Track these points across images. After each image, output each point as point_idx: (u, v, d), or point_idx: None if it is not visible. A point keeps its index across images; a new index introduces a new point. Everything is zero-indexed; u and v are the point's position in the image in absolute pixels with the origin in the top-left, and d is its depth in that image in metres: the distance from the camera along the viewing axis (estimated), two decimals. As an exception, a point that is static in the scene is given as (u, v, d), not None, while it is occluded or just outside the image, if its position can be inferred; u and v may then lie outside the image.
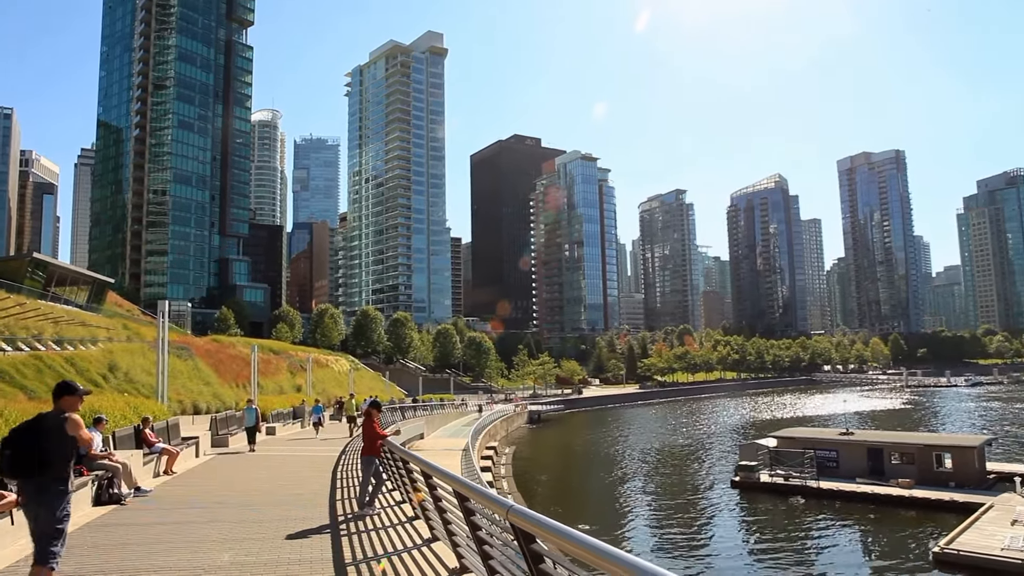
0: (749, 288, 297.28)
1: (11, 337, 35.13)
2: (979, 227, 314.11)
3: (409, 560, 8.10)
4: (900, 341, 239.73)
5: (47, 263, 55.39)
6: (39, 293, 47.83)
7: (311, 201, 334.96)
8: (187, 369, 52.24)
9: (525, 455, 61.20)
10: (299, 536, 9.60)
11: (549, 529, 3.66)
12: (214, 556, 8.40)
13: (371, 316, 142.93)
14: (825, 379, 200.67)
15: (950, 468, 35.70)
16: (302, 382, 70.16)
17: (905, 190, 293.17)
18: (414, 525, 10.12)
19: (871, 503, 33.80)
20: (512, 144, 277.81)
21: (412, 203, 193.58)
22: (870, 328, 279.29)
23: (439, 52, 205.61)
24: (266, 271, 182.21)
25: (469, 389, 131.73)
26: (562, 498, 42.21)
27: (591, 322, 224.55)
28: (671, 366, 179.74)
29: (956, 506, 31.02)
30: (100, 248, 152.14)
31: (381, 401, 34.63)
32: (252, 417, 25.80)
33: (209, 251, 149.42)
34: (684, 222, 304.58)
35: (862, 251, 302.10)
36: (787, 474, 37.46)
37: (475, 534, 5.70)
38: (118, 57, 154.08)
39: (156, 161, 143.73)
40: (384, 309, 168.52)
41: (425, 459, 8.16)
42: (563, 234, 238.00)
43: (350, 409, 36.28)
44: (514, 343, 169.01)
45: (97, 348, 44.37)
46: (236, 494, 14.28)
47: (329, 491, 14.00)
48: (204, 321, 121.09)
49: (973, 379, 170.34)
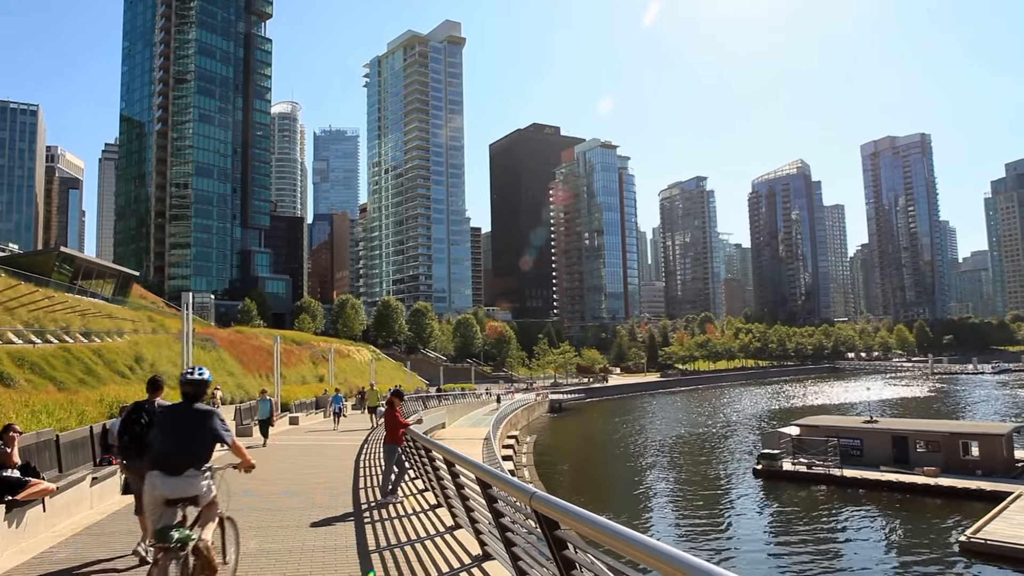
0: (771, 275, 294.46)
1: (40, 330, 35.75)
2: (1007, 211, 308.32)
3: (432, 547, 8.17)
4: (925, 328, 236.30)
5: (74, 257, 56.27)
6: (66, 286, 48.61)
7: (331, 192, 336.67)
8: (211, 360, 52.87)
9: (546, 444, 61.30)
10: (323, 524, 9.71)
11: (574, 515, 3.66)
12: (241, 543, 8.52)
13: (392, 306, 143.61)
14: (848, 367, 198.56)
15: (977, 456, 35.19)
16: (324, 372, 70.77)
17: (931, 174, 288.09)
18: (437, 513, 10.20)
19: (896, 492, 33.43)
20: (531, 133, 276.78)
21: (431, 193, 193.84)
22: (894, 315, 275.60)
23: (457, 41, 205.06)
24: (287, 262, 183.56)
25: (490, 379, 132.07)
26: (583, 486, 42.26)
27: (612, 311, 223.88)
28: (692, 354, 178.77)
29: (983, 495, 30.59)
30: (124, 241, 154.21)
31: (404, 391, 34.71)
32: (266, 409, 23.95)
33: (231, 243, 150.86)
34: (705, 209, 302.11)
35: (886, 237, 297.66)
36: (810, 462, 37.17)
37: (498, 521, 5.73)
38: (139, 52, 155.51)
39: (178, 155, 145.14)
40: (405, 299, 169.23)
41: (447, 447, 8.21)
42: (583, 222, 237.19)
43: (372, 400, 35.03)
44: (535, 332, 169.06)
45: (123, 340, 45.03)
46: (260, 483, 14.45)
47: (352, 480, 14.14)
48: (227, 312, 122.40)
49: (1000, 366, 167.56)
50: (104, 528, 9.65)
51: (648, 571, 2.98)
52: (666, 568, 2.62)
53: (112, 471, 12.01)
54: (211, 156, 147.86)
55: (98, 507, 11.11)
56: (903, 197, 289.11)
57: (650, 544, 2.80)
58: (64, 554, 8.13)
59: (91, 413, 14.35)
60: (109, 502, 11.58)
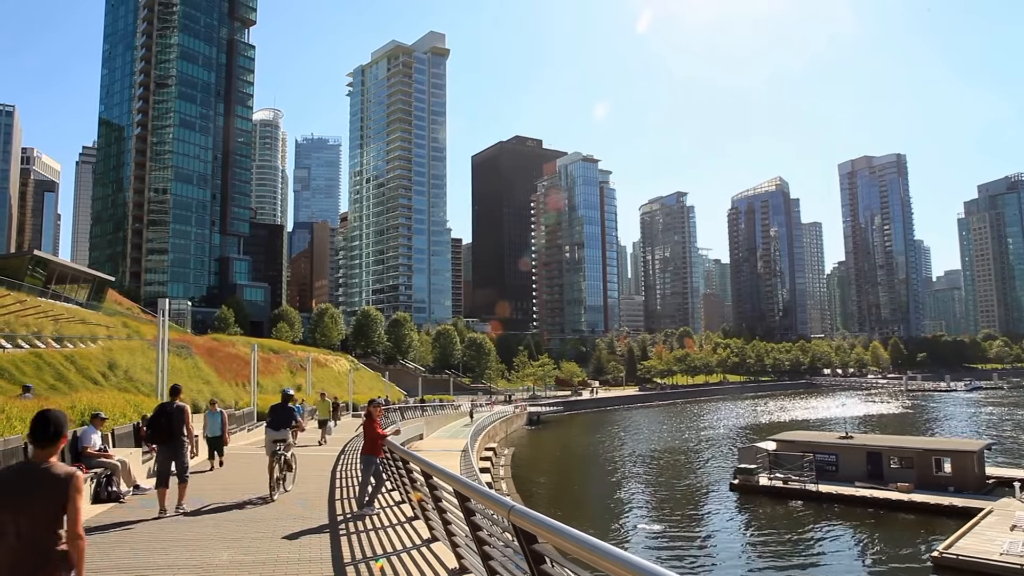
0: (749, 291, 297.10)
1: (11, 334, 35.11)
2: (980, 232, 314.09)
3: (408, 560, 8.08)
4: (900, 345, 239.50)
5: (47, 261, 55.41)
6: (39, 290, 47.81)
7: (312, 201, 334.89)
8: (187, 368, 52.20)
9: (524, 456, 61.14)
10: (298, 535, 9.58)
11: (552, 529, 3.64)
12: (212, 554, 8.38)
13: (371, 316, 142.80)
14: (825, 383, 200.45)
15: (949, 472, 35.66)
16: (302, 381, 70.07)
17: (906, 194, 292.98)
18: (413, 525, 10.10)
19: (870, 507, 33.77)
20: (513, 145, 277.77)
21: (413, 203, 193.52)
22: (870, 332, 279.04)
23: (441, 53, 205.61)
24: (266, 270, 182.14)
25: (469, 390, 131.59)
26: (561, 500, 42.17)
27: (591, 324, 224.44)
28: (671, 368, 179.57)
29: (955, 511, 30.97)
30: (101, 246, 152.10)
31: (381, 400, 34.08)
32: (216, 425, 18.34)
33: (210, 250, 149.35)
34: (685, 224, 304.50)
35: (863, 255, 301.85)
36: (786, 477, 37.43)
37: (475, 534, 5.69)
38: (120, 55, 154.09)
39: (157, 160, 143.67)
40: (384, 309, 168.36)
41: (425, 459, 8.14)
42: (564, 236, 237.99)
43: (323, 412, 30.12)
44: (514, 344, 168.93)
45: (97, 346, 44.35)
46: (235, 492, 14.24)
47: (328, 491, 13.98)
48: (204, 320, 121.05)
49: (973, 384, 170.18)
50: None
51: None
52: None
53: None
54: (191, 162, 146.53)
55: (66, 517, 10.83)
56: (879, 216, 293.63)
57: (627, 558, 2.79)
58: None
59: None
60: (78, 512, 11.34)
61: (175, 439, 11.41)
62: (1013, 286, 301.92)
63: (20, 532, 3.74)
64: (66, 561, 3.83)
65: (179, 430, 11.48)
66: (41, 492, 3.86)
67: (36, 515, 3.81)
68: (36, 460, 4.06)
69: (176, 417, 11.60)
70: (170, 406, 11.74)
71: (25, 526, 3.76)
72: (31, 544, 3.76)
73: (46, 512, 3.84)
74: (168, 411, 11.62)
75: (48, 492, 3.86)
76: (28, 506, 3.81)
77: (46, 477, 3.92)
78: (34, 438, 4.14)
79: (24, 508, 3.79)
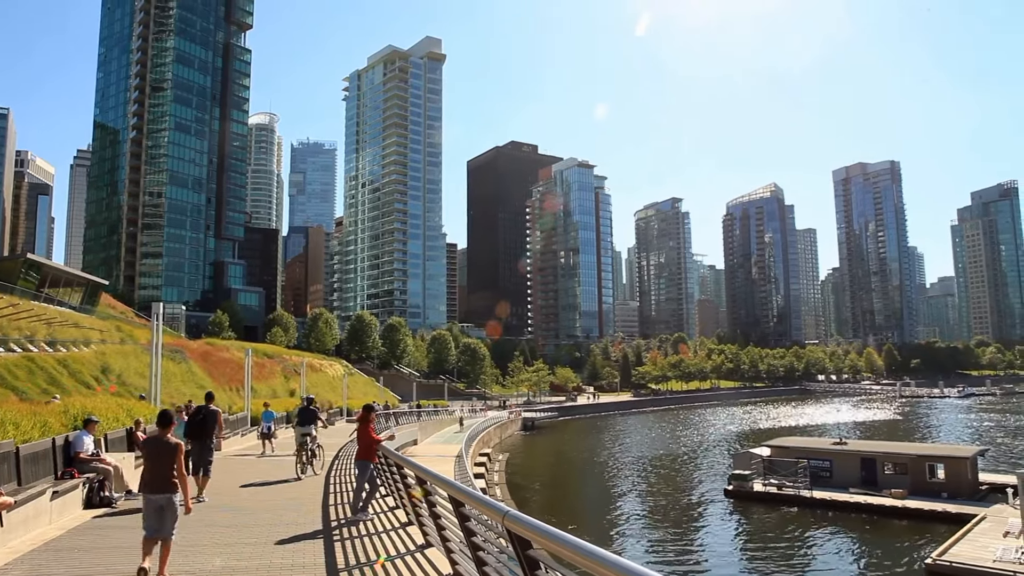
0: (744, 297, 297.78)
1: (3, 338, 34.94)
2: (973, 238, 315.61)
3: (403, 566, 8.06)
4: (894, 351, 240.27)
5: (41, 264, 55.14)
6: (32, 294, 47.61)
7: (307, 205, 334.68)
8: (181, 372, 52.04)
9: (519, 462, 61.05)
10: (291, 541, 9.54)
11: (547, 535, 3.64)
12: (205, 560, 8.35)
13: (366, 321, 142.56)
14: (819, 389, 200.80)
15: (943, 479, 35.74)
16: (296, 386, 69.93)
17: (900, 201, 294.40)
18: (407, 531, 10.07)
19: (864, 513, 33.82)
20: (509, 150, 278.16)
21: (408, 208, 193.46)
22: (864, 338, 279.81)
23: (437, 58, 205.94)
24: (261, 275, 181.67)
25: (463, 395, 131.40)
26: (555, 505, 42.11)
27: (586, 329, 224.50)
28: (665, 374, 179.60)
29: (949, 517, 31.02)
30: (95, 250, 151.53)
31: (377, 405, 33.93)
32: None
33: (204, 254, 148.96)
34: (680, 230, 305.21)
35: (857, 261, 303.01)
36: (780, 484, 37.44)
37: (470, 540, 5.67)
38: (116, 59, 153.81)
39: (152, 163, 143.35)
40: (379, 314, 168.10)
41: (420, 464, 8.13)
42: (559, 241, 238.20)
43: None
44: (509, 350, 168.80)
45: (90, 350, 44.17)
46: (228, 498, 14.19)
47: (322, 496, 13.94)
48: (198, 324, 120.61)
49: (966, 390, 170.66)
50: (63, 544, 9.39)
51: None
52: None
53: (74, 484, 11.71)
54: (186, 166, 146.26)
55: (58, 522, 10.80)
56: (873, 222, 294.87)
57: (621, 564, 2.79)
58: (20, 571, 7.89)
59: (54, 425, 13.98)
60: (70, 517, 11.28)
61: (208, 438, 13.30)
62: (1006, 293, 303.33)
63: (159, 468, 7.58)
64: (176, 485, 7.60)
65: (211, 430, 13.45)
66: (166, 450, 7.66)
67: (164, 461, 7.60)
68: (160, 435, 7.82)
69: (210, 419, 13.73)
70: (206, 408, 13.89)
71: (161, 465, 7.58)
72: (162, 474, 7.56)
73: (168, 460, 7.60)
74: (204, 413, 13.71)
75: (168, 450, 7.66)
76: (160, 456, 7.63)
77: (167, 444, 7.73)
78: (160, 423, 7.94)
79: (160, 457, 7.63)
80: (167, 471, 7.57)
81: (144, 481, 7.65)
